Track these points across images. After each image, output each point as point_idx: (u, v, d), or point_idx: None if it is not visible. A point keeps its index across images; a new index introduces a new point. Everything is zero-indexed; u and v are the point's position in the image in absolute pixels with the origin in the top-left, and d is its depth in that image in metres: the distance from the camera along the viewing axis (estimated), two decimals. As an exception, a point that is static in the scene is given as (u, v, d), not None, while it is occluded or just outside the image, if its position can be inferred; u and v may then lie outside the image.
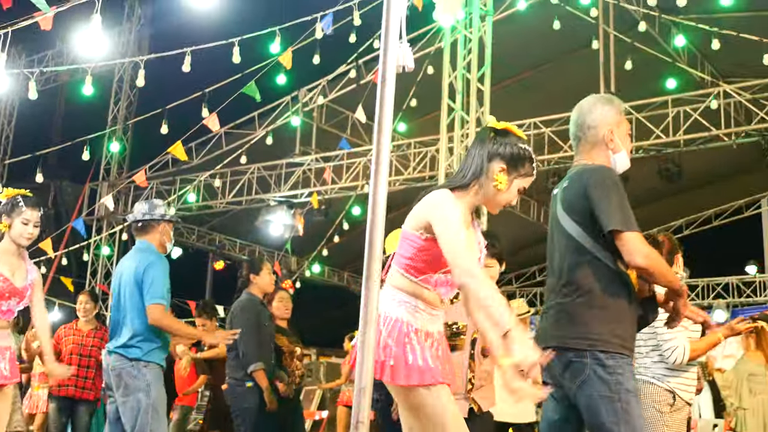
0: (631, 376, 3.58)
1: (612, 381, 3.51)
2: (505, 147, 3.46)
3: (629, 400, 3.52)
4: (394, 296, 3.46)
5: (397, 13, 2.61)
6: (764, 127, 12.59)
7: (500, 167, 3.44)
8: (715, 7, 12.12)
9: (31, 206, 5.21)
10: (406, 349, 3.36)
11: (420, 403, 3.36)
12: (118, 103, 18.10)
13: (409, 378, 3.33)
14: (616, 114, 3.84)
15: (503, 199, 3.47)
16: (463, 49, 11.85)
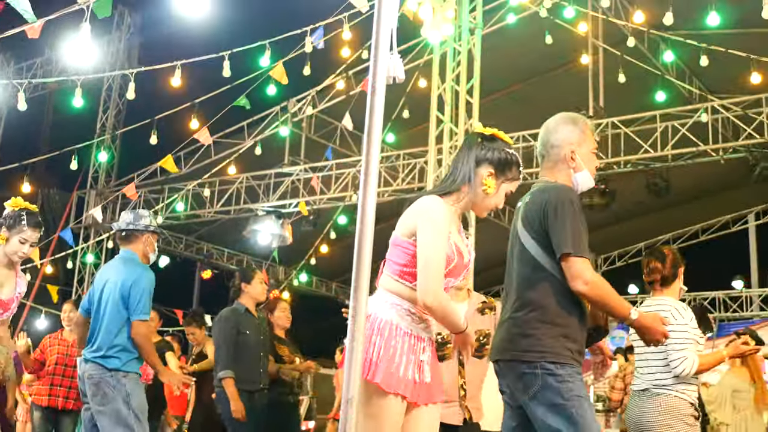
0: (582, 384, 3.65)
1: (563, 389, 3.58)
2: (493, 152, 3.54)
3: (582, 405, 3.58)
4: (386, 299, 3.49)
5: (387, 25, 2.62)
6: (752, 142, 12.64)
7: (488, 172, 3.52)
8: (703, 24, 12.17)
9: (32, 226, 5.16)
10: (390, 350, 3.39)
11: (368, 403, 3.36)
12: (106, 111, 18.06)
13: (375, 375, 3.35)
14: (579, 134, 3.88)
15: (491, 203, 3.55)
16: (452, 61, 11.88)
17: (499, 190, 3.53)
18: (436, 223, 3.38)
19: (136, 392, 5.53)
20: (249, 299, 7.02)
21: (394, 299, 3.47)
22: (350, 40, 11.59)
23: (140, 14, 18.54)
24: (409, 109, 13.29)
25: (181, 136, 13.08)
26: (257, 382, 6.88)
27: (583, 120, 3.93)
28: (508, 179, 3.54)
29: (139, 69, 11.90)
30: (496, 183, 3.52)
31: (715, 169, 14.02)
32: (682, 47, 13.71)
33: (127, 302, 5.56)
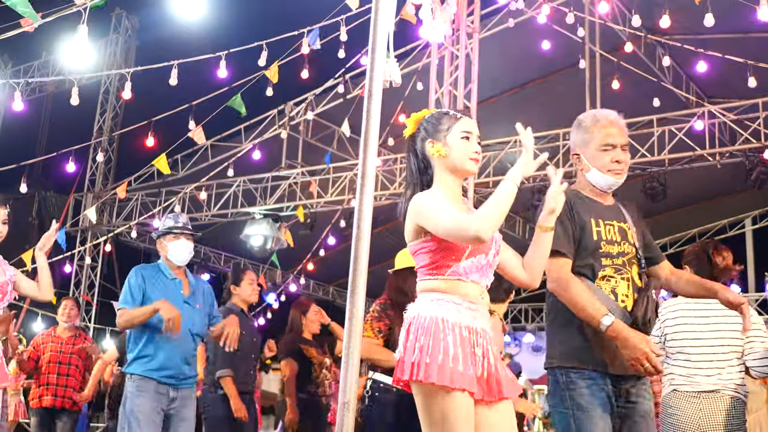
0: (586, 390, 3.60)
1: (566, 396, 3.61)
2: (419, 131, 3.54)
3: (580, 416, 3.58)
4: (426, 297, 3.38)
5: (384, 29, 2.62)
6: (748, 147, 12.65)
7: (428, 143, 3.49)
8: (700, 29, 12.19)
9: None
10: (440, 345, 3.24)
11: (432, 406, 3.25)
12: (104, 114, 18.06)
13: (429, 375, 3.20)
14: (582, 135, 3.85)
15: (458, 156, 3.46)
16: (450, 65, 11.89)
17: (449, 143, 3.45)
18: (429, 202, 3.33)
19: (135, 395, 5.49)
20: (240, 301, 6.98)
21: (434, 295, 3.36)
22: (348, 44, 11.59)
23: (137, 17, 18.55)
24: (406, 113, 13.29)
25: (179, 139, 13.07)
26: (249, 383, 6.85)
27: (589, 118, 3.86)
28: (446, 130, 3.46)
29: (136, 69, 11.89)
30: (441, 143, 3.46)
31: (711, 173, 14.03)
32: (679, 52, 13.75)
33: None
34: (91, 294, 17.71)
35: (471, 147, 3.47)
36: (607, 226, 3.75)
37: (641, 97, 14.05)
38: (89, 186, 17.88)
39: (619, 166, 3.77)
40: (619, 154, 3.77)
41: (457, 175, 3.51)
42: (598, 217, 3.76)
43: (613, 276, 3.68)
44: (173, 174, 16.62)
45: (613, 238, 3.73)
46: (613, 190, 3.86)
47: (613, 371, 3.62)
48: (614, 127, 3.80)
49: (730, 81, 13.99)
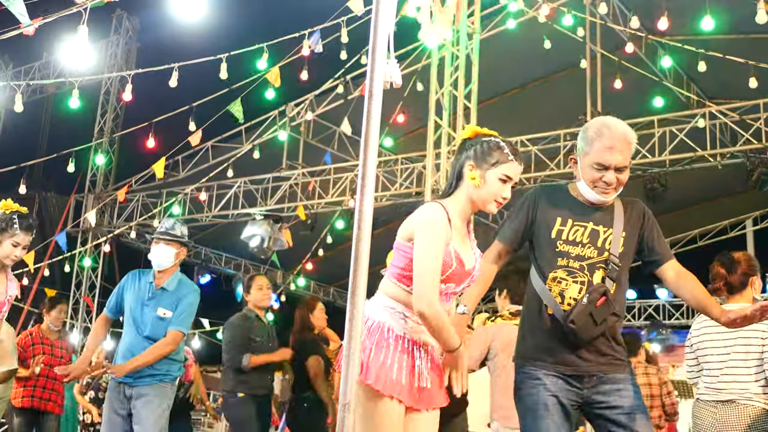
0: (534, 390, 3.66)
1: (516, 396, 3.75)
2: (472, 147, 3.56)
3: (524, 415, 3.68)
4: (381, 302, 3.50)
5: (384, 30, 2.62)
6: (749, 148, 12.64)
7: (470, 165, 3.51)
8: (700, 30, 12.19)
9: (24, 230, 5.12)
10: (381, 352, 3.38)
11: (365, 406, 3.37)
12: (104, 115, 18.05)
13: (374, 379, 3.34)
14: (582, 144, 3.78)
15: (487, 194, 3.50)
16: (450, 66, 11.89)
17: (487, 179, 3.48)
18: (432, 230, 3.38)
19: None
20: (254, 307, 7.03)
21: (388, 302, 3.47)
22: (348, 45, 11.59)
23: (138, 18, 18.57)
24: (407, 114, 13.29)
25: (179, 140, 13.07)
26: (266, 387, 6.90)
27: (593, 129, 3.74)
28: (492, 165, 3.47)
29: (137, 71, 11.89)
30: (480, 173, 3.48)
31: (712, 174, 14.02)
32: (680, 53, 13.74)
33: None
34: (92, 295, 17.71)
35: (503, 192, 3.52)
36: (575, 227, 3.73)
37: (642, 98, 14.05)
38: (90, 187, 17.88)
39: (608, 186, 3.69)
40: (609, 176, 3.67)
41: (476, 207, 3.56)
42: (568, 217, 3.74)
43: (565, 278, 3.68)
44: (174, 175, 16.63)
45: (576, 239, 3.71)
46: (601, 204, 3.78)
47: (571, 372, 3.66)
48: (617, 146, 3.66)
49: (731, 81, 13.99)
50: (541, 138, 13.90)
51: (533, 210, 3.79)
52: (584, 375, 3.66)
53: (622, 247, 3.72)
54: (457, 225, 3.50)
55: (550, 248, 3.72)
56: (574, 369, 3.65)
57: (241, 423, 6.72)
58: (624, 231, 3.75)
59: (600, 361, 3.68)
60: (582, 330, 3.59)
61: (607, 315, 3.62)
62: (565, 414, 3.65)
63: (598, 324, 3.61)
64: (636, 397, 3.69)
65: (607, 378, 3.67)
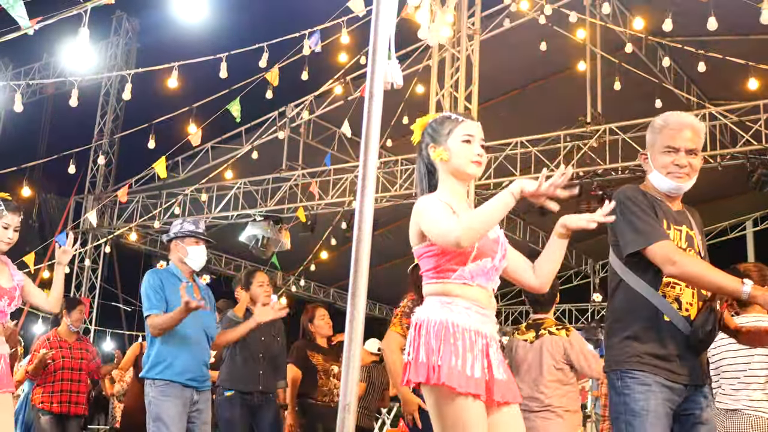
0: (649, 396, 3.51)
1: (620, 402, 3.56)
2: (423, 137, 3.56)
3: (633, 422, 3.50)
4: (436, 300, 3.37)
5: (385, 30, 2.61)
6: (750, 149, 12.64)
7: (431, 147, 3.50)
8: (701, 30, 12.19)
9: (11, 210, 5.19)
10: (450, 348, 3.24)
11: (440, 408, 3.25)
12: (104, 116, 18.06)
13: (440, 376, 3.20)
14: (650, 136, 3.81)
15: (459, 160, 3.45)
16: (451, 67, 11.89)
17: (451, 148, 3.45)
18: (428, 207, 3.34)
19: (160, 400, 5.44)
20: (251, 304, 6.92)
21: (443, 299, 3.35)
22: (348, 45, 11.59)
23: (138, 19, 18.58)
24: (407, 115, 13.29)
25: (180, 141, 13.07)
26: (254, 383, 6.71)
27: (660, 119, 3.78)
28: (447, 134, 3.47)
29: (136, 70, 11.89)
30: (443, 147, 3.46)
31: (712, 175, 13.99)
32: (680, 54, 13.74)
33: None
34: (92, 296, 17.71)
35: (472, 150, 3.45)
36: (675, 231, 3.66)
37: (642, 99, 14.04)
38: (90, 188, 17.88)
39: (681, 170, 3.67)
40: (681, 158, 3.66)
41: (460, 178, 3.50)
42: (669, 221, 3.66)
43: (678, 283, 3.58)
44: (174, 176, 16.63)
45: (679, 245, 3.63)
46: (676, 193, 3.75)
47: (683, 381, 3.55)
48: (684, 131, 3.69)
49: (731, 82, 13.99)
50: (541, 139, 13.90)
51: (655, 212, 3.65)
52: (690, 385, 3.57)
53: (703, 250, 3.72)
54: (459, 206, 3.42)
55: None
56: (684, 378, 3.54)
57: (227, 423, 6.60)
58: (700, 234, 3.75)
59: (703, 372, 3.62)
60: (710, 337, 3.52)
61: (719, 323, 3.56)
62: (669, 424, 3.55)
63: (717, 332, 3.56)
64: (713, 413, 3.65)
65: (701, 390, 3.61)
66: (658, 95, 14.17)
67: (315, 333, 7.38)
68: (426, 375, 3.22)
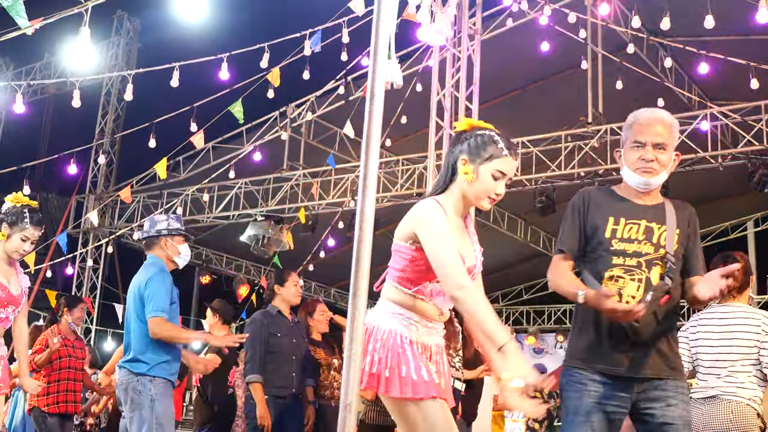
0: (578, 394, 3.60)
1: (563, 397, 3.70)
2: (466, 140, 3.48)
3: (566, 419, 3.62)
4: (388, 308, 3.44)
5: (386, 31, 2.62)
6: (751, 150, 12.63)
7: (463, 159, 3.44)
8: (702, 30, 12.18)
9: (34, 225, 5.14)
10: (400, 360, 3.32)
11: (411, 418, 3.33)
12: (105, 116, 18.06)
13: (402, 390, 3.28)
14: (624, 133, 3.85)
15: (480, 190, 3.42)
16: (452, 67, 11.88)
17: (480, 174, 3.41)
18: (436, 223, 3.32)
19: (162, 398, 5.42)
20: (282, 302, 6.89)
21: (395, 308, 3.42)
22: (349, 46, 11.58)
23: (139, 19, 18.59)
24: (408, 115, 13.28)
25: (181, 141, 13.06)
26: (287, 387, 6.69)
27: (631, 116, 3.85)
28: (485, 160, 3.41)
29: (138, 71, 11.89)
30: (474, 167, 3.41)
31: (713, 176, 14.00)
32: (681, 54, 13.73)
33: (143, 303, 5.52)
34: (93, 296, 17.71)
35: (496, 188, 3.44)
36: (628, 225, 3.67)
37: (643, 99, 13.98)
38: (91, 188, 17.88)
39: (647, 164, 3.72)
40: (647, 152, 3.72)
41: (468, 201, 3.50)
42: (620, 215, 3.69)
43: (621, 276, 3.60)
44: (175, 176, 16.63)
45: (631, 237, 3.66)
46: (646, 189, 3.78)
47: (623, 373, 3.57)
48: (654, 126, 3.77)
49: (732, 83, 13.98)
50: (542, 139, 13.89)
51: (584, 212, 3.74)
52: (636, 379, 3.57)
53: (677, 245, 3.69)
54: (454, 221, 3.44)
55: (604, 248, 3.66)
56: (626, 371, 3.56)
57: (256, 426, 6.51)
58: (678, 228, 3.73)
59: (657, 364, 3.60)
60: (644, 328, 3.53)
61: (671, 314, 3.59)
62: (607, 422, 3.57)
63: (660, 323, 3.56)
64: (685, 410, 3.60)
65: (659, 384, 3.58)
66: (659, 95, 14.16)
67: (313, 328, 7.35)
68: (377, 386, 3.30)
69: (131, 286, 5.71)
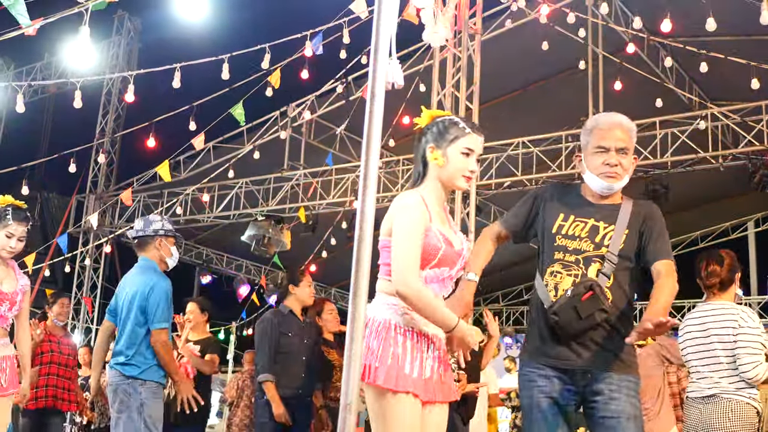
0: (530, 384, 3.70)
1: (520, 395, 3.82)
2: (428, 131, 3.59)
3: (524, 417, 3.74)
4: (382, 300, 3.47)
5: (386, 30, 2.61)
6: (751, 150, 12.63)
7: (430, 147, 3.54)
8: (702, 30, 12.19)
9: (17, 220, 5.19)
10: (389, 350, 3.36)
11: (380, 408, 3.37)
12: (106, 116, 18.07)
13: (386, 381, 3.32)
14: (583, 138, 3.87)
15: (453, 170, 3.52)
16: (452, 67, 11.88)
17: (449, 155, 3.51)
18: (407, 212, 3.40)
19: (152, 402, 5.45)
20: (295, 301, 6.84)
21: (389, 299, 3.44)
22: (349, 46, 11.59)
23: (140, 19, 18.60)
24: (408, 115, 13.29)
25: (181, 141, 13.07)
26: (298, 387, 6.63)
27: (591, 121, 3.88)
28: (450, 141, 3.51)
29: (139, 71, 11.89)
30: (442, 151, 3.51)
31: (714, 176, 14.01)
32: (681, 54, 13.73)
33: (145, 312, 5.52)
34: (93, 296, 17.71)
35: (468, 165, 3.53)
36: (576, 222, 3.75)
37: (643, 99, 14.04)
38: (91, 188, 17.88)
39: (611, 169, 3.73)
40: (611, 157, 3.72)
41: (447, 186, 3.58)
42: (570, 213, 3.78)
43: (560, 272, 3.70)
44: (175, 175, 16.62)
45: (575, 234, 3.73)
46: (609, 193, 3.80)
47: (560, 365, 3.66)
48: (614, 130, 3.77)
49: (732, 83, 13.98)
50: (542, 139, 13.89)
51: (539, 204, 3.86)
52: (577, 371, 3.63)
53: (623, 245, 3.71)
54: (435, 209, 3.50)
55: (549, 242, 3.76)
56: (565, 363, 3.64)
57: (265, 426, 6.50)
58: (627, 229, 3.74)
59: (595, 357, 3.62)
60: (565, 323, 3.59)
61: (595, 310, 3.58)
62: (562, 414, 3.65)
63: (583, 318, 3.57)
64: (630, 403, 3.60)
65: (602, 377, 3.61)
66: (659, 95, 14.17)
67: (323, 327, 7.29)
68: (366, 375, 3.33)
69: (127, 288, 5.69)
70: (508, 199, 16.20)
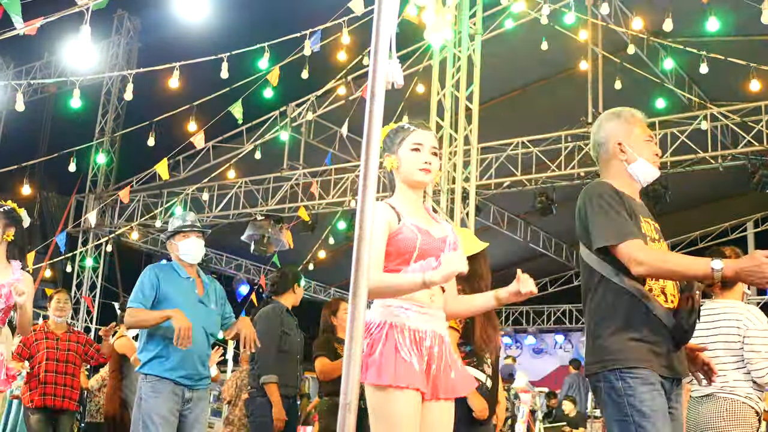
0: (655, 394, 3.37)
1: (624, 404, 3.38)
2: (383, 143, 3.68)
3: (644, 423, 3.34)
4: (377, 303, 3.50)
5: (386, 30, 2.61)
6: (751, 150, 12.64)
7: (385, 156, 3.65)
8: (703, 31, 12.19)
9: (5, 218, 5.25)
10: (384, 346, 3.37)
11: (373, 405, 3.37)
12: (105, 115, 18.07)
13: (377, 376, 3.32)
14: (623, 124, 3.72)
15: (407, 168, 3.60)
16: (452, 67, 11.88)
17: (400, 156, 3.61)
18: (376, 224, 3.41)
19: (151, 396, 5.38)
20: (292, 300, 6.85)
21: (384, 301, 3.48)
22: (349, 45, 11.59)
23: (140, 18, 18.60)
24: (408, 115, 13.29)
25: (180, 140, 13.08)
26: (295, 386, 6.65)
27: (627, 111, 3.78)
28: (398, 144, 3.62)
29: (138, 70, 11.90)
30: (394, 156, 3.62)
31: (714, 176, 14.02)
32: (681, 54, 13.73)
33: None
34: (93, 295, 17.71)
35: (421, 158, 3.58)
36: (646, 223, 3.58)
37: (643, 99, 14.04)
38: (91, 187, 17.88)
39: (658, 159, 3.73)
40: (657, 147, 3.74)
41: (411, 185, 3.63)
42: (639, 214, 3.58)
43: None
44: (175, 175, 16.63)
45: (653, 236, 3.58)
46: (649, 183, 3.75)
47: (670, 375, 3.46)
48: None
49: (732, 84, 13.98)
50: (542, 139, 13.90)
51: (627, 207, 3.53)
52: (678, 379, 3.50)
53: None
54: (407, 210, 3.56)
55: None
56: (675, 373, 3.47)
57: (266, 426, 6.38)
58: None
59: (685, 364, 3.57)
60: (692, 330, 3.45)
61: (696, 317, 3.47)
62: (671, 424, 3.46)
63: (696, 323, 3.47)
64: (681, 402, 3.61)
65: (679, 385, 3.56)
66: (659, 96, 14.17)
67: (338, 326, 7.27)
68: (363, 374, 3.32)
69: None
70: (507, 199, 16.21)
